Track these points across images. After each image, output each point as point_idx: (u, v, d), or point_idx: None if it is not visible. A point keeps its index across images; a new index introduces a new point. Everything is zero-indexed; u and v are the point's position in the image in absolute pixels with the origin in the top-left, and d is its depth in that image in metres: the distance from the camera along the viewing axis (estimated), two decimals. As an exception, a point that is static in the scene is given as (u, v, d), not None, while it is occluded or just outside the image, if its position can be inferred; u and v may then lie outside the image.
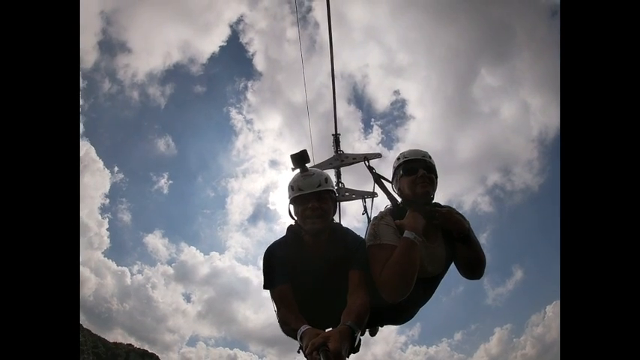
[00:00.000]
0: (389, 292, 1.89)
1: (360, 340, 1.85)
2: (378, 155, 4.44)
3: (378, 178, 2.59)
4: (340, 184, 6.17)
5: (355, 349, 1.83)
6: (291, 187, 2.11)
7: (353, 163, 5.21)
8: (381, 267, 1.93)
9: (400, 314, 2.38)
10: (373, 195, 4.40)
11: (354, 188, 6.08)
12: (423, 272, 2.04)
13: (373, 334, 2.69)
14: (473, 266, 2.18)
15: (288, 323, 1.88)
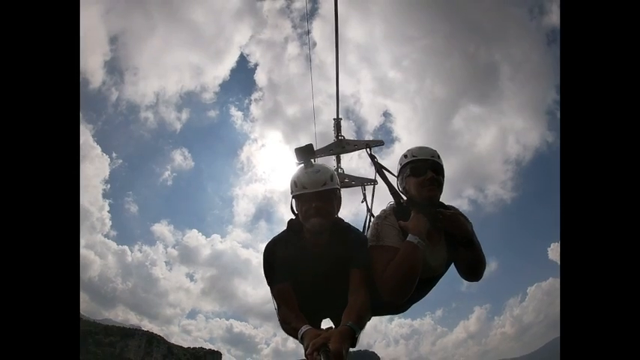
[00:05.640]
0: (390, 294, 1.90)
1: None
2: (381, 142, 4.33)
3: (379, 168, 2.56)
4: (340, 170, 6.04)
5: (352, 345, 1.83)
6: (295, 183, 2.00)
7: (354, 151, 5.09)
8: (382, 269, 1.92)
9: (395, 309, 2.38)
10: (374, 183, 4.35)
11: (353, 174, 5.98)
12: (424, 274, 2.03)
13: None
14: (474, 268, 2.17)
15: (288, 322, 1.87)
